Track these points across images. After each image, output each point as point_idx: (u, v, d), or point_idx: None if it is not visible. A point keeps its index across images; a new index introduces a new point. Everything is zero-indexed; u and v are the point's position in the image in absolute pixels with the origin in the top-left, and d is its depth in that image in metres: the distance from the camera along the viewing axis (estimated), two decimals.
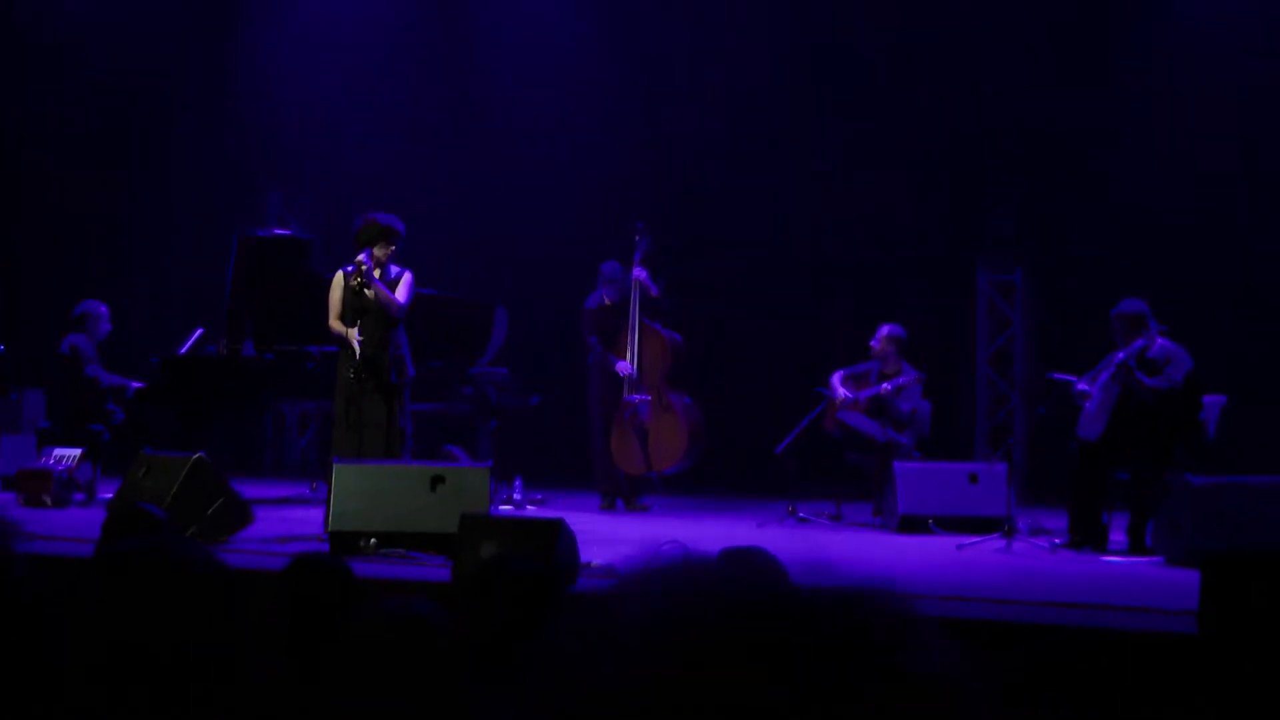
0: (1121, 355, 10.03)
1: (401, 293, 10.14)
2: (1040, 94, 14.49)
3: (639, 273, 12.49)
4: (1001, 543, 9.95)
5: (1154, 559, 9.45)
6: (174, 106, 16.66)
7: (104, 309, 12.76)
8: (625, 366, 12.48)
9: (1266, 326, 13.64)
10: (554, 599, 4.09)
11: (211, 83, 16.63)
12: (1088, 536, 9.93)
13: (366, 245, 10.13)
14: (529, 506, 12.29)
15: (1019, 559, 9.60)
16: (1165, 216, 13.98)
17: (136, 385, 12.38)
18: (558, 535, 7.49)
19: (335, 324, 10.21)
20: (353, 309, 10.14)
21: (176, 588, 2.15)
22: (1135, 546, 9.75)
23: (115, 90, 16.28)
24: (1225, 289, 13.78)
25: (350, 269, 10.14)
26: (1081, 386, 10.27)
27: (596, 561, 8.00)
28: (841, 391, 12.11)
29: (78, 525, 9.41)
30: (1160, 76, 14.31)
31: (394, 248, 10.18)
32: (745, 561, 4.03)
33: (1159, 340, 10.14)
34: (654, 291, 12.56)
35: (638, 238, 12.51)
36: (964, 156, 14.80)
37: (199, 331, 12.57)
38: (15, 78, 16.15)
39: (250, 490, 10.43)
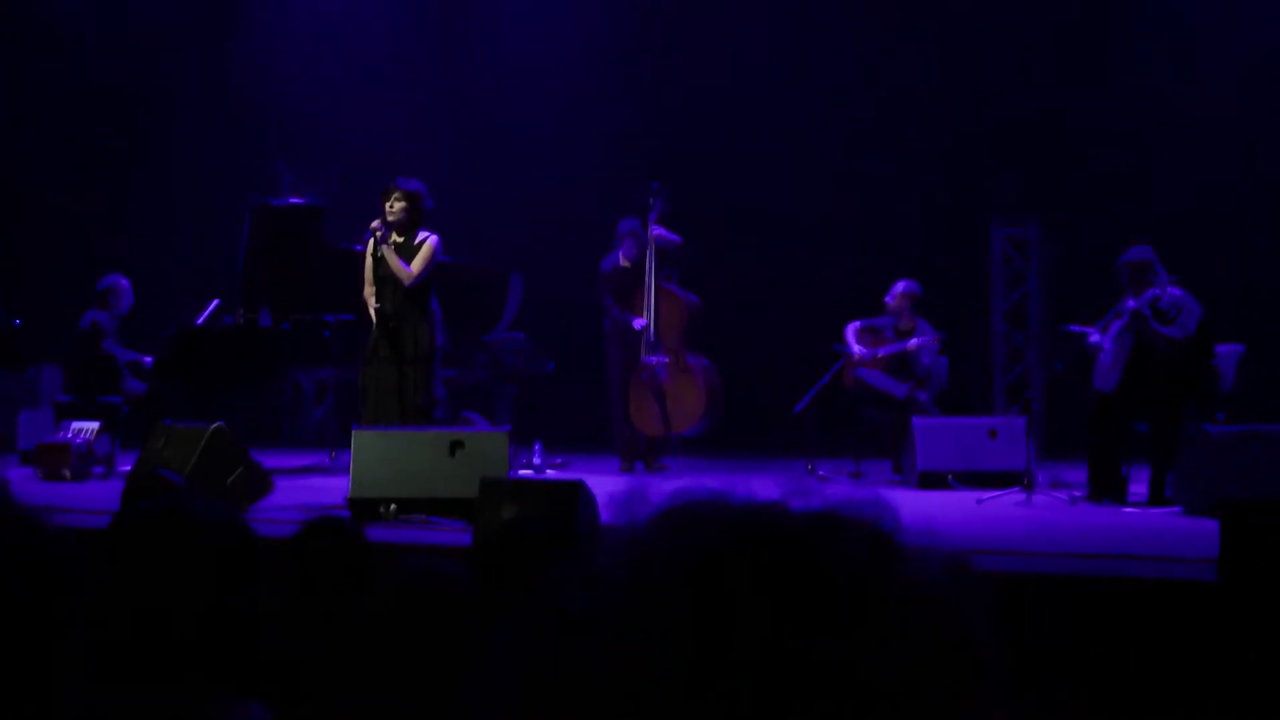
0: (1134, 303, 10.01)
1: (417, 261, 10.12)
2: (1051, 54, 14.50)
3: (656, 231, 12.44)
4: (1021, 496, 9.97)
5: (1173, 509, 9.46)
6: (182, 83, 16.65)
7: (126, 283, 12.80)
8: (641, 322, 12.43)
9: None
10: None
11: (219, 57, 16.63)
12: (1107, 489, 9.94)
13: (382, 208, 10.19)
14: (549, 471, 12.29)
15: (1039, 512, 9.62)
16: (1179, 167, 13.97)
17: (149, 360, 12.43)
18: (578, 497, 7.51)
19: (366, 291, 10.25)
20: (377, 276, 10.19)
21: (199, 545, 2.16)
22: (1155, 498, 9.75)
23: (123, 67, 16.25)
24: (1241, 237, 13.76)
25: (368, 235, 10.18)
26: (1095, 339, 10.26)
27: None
28: (857, 349, 12.11)
29: (97, 498, 9.42)
30: (1173, 28, 14.28)
31: (404, 205, 10.15)
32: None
33: (1170, 289, 10.12)
34: (676, 239, 12.49)
35: (653, 198, 12.43)
36: (977, 112, 14.77)
37: (215, 302, 12.61)
38: (24, 49, 16.12)
39: (269, 460, 10.42)
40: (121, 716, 2.07)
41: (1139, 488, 9.98)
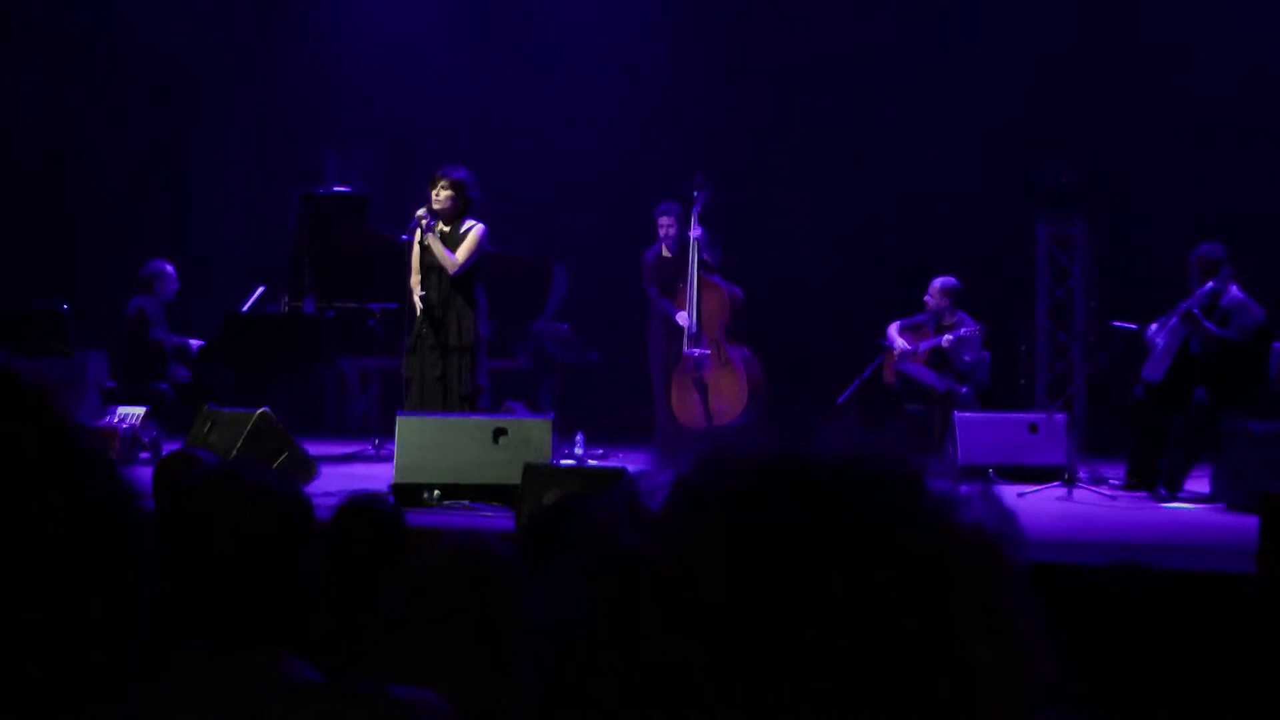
0: (1191, 302, 10.02)
1: (463, 249, 10.17)
2: (1098, 42, 14.46)
3: (696, 231, 12.44)
4: (1063, 490, 9.97)
5: (1215, 505, 9.45)
6: (228, 70, 16.73)
7: (170, 268, 12.88)
8: (684, 317, 12.45)
9: None
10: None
11: (266, 44, 16.70)
12: (1145, 478, 9.94)
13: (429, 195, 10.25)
14: (590, 461, 12.30)
15: (1080, 505, 9.62)
16: (1228, 164, 13.89)
17: (197, 343, 12.52)
18: (621, 484, 7.53)
19: (412, 279, 10.31)
20: (423, 264, 10.24)
21: (258, 505, 2.22)
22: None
23: (169, 53, 16.34)
24: None
25: (413, 224, 10.23)
26: (1154, 327, 10.29)
27: None
28: (899, 343, 12.11)
29: (143, 482, 9.48)
30: (1222, 21, 14.21)
31: (450, 193, 10.20)
32: None
33: (1232, 288, 10.10)
34: (706, 256, 12.48)
35: (696, 191, 12.43)
36: (1022, 107, 14.72)
37: (260, 289, 12.71)
38: (72, 38, 16.23)
39: (313, 448, 10.50)
40: (181, 667, 2.13)
41: (1189, 485, 9.99)
